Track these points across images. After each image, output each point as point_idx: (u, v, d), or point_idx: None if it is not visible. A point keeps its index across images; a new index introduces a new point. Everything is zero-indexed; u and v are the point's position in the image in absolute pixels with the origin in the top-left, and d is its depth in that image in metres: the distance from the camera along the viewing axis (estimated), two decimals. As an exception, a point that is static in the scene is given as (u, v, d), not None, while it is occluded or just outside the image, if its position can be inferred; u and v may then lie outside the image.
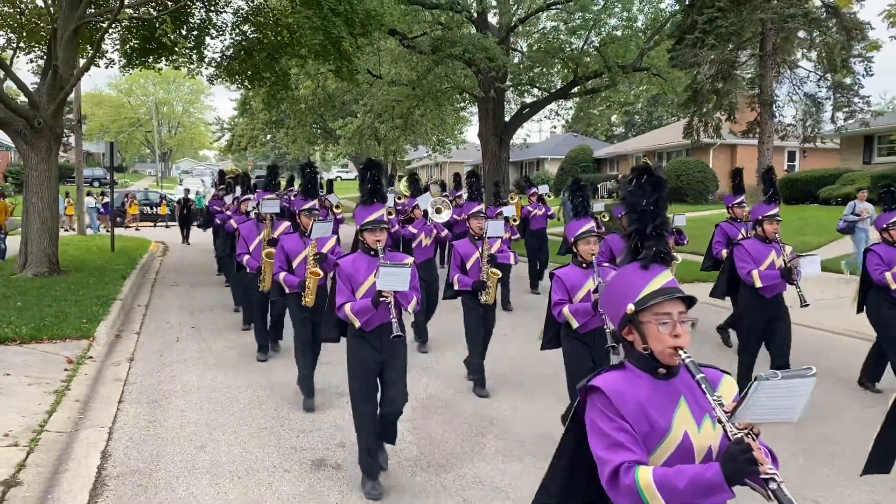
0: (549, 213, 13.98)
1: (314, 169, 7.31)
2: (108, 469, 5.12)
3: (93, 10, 14.53)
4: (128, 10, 14.95)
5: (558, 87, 25.59)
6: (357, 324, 4.64)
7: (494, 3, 23.43)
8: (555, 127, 54.24)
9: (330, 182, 18.31)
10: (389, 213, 10.85)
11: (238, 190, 11.14)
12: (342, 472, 5.10)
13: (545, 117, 41.69)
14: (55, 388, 6.93)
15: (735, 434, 1.90)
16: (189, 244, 23.94)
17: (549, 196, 16.38)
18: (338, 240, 7.11)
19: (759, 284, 6.37)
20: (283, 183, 19.23)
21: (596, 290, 5.04)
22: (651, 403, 2.15)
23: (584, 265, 5.29)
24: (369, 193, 4.77)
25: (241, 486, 4.83)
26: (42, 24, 15.57)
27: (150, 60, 17.89)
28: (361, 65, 20.23)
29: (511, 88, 25.74)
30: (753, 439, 1.88)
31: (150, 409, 6.53)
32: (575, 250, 5.37)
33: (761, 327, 6.53)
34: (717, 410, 1.97)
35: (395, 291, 4.49)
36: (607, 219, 11.17)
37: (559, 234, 16.71)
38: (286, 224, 8.24)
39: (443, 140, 38.76)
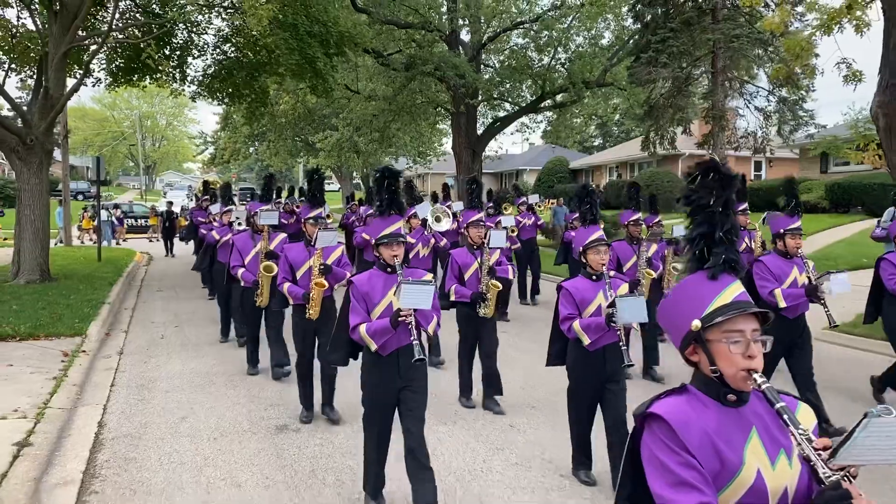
0: (538, 222, 14.00)
1: (321, 176, 6.89)
2: (104, 434, 6.11)
3: (82, 34, 15.50)
4: (115, 34, 15.92)
5: (528, 101, 26.79)
6: (373, 347, 4.28)
7: (466, 22, 24.64)
8: (526, 139, 55.47)
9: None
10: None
11: (215, 208, 11.46)
12: (301, 434, 6.11)
13: (517, 130, 42.71)
14: (54, 376, 7.87)
15: (829, 476, 1.67)
16: (174, 256, 24.10)
17: (539, 206, 16.37)
18: (344, 250, 6.80)
19: (782, 304, 5.91)
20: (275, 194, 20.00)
21: (611, 305, 4.71)
22: (720, 435, 1.90)
23: (594, 277, 5.00)
24: (386, 204, 4.47)
25: (215, 445, 5.83)
26: (32, 46, 16.49)
27: (134, 79, 18.91)
28: (337, 81, 21.23)
29: (483, 103, 26.90)
30: (851, 483, 1.67)
31: (138, 391, 7.50)
32: (584, 260, 5.06)
33: (782, 350, 6.06)
34: (805, 447, 1.72)
35: (415, 311, 4.18)
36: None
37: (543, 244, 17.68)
38: (283, 236, 8.11)
39: (423, 152, 39.93)
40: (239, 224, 9.72)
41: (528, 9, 25.01)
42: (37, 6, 15.26)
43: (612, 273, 5.12)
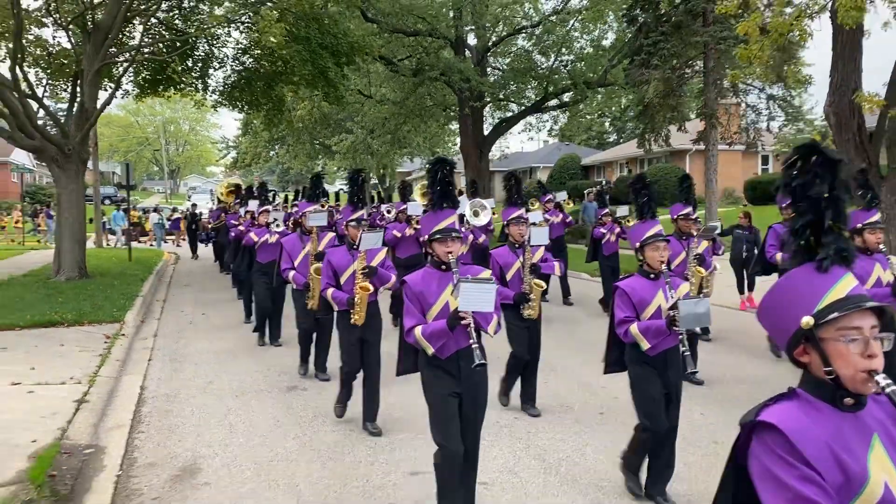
0: (566, 220, 13.65)
1: (362, 176, 6.74)
2: (145, 394, 7.41)
3: (113, 51, 16.91)
4: (143, 50, 17.34)
5: (533, 101, 27.94)
6: (430, 350, 4.07)
7: (472, 27, 25.84)
8: (531, 137, 56.54)
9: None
10: (418, 222, 10.15)
11: (252, 203, 11.55)
12: (308, 392, 7.38)
13: (522, 130, 43.73)
14: (99, 353, 9.18)
15: None
16: (198, 258, 24.43)
17: (566, 203, 15.73)
18: (388, 253, 6.57)
19: None
20: (283, 197, 21.16)
21: (673, 307, 4.36)
22: (840, 444, 1.75)
23: (652, 275, 4.68)
24: (439, 197, 4.23)
25: (236, 401, 7.10)
26: (67, 63, 17.93)
27: (160, 90, 20.37)
28: (348, 88, 22.53)
29: (489, 104, 28.09)
30: None
31: (171, 364, 8.81)
32: (640, 258, 4.74)
33: None
34: None
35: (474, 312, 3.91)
36: (631, 224, 11.29)
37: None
38: (331, 236, 7.92)
39: (437, 152, 41.20)
40: (277, 225, 9.86)
41: (531, 14, 26.20)
42: (71, 27, 16.67)
43: (665, 269, 4.74)
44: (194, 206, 30.51)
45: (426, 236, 4.26)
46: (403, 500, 4.76)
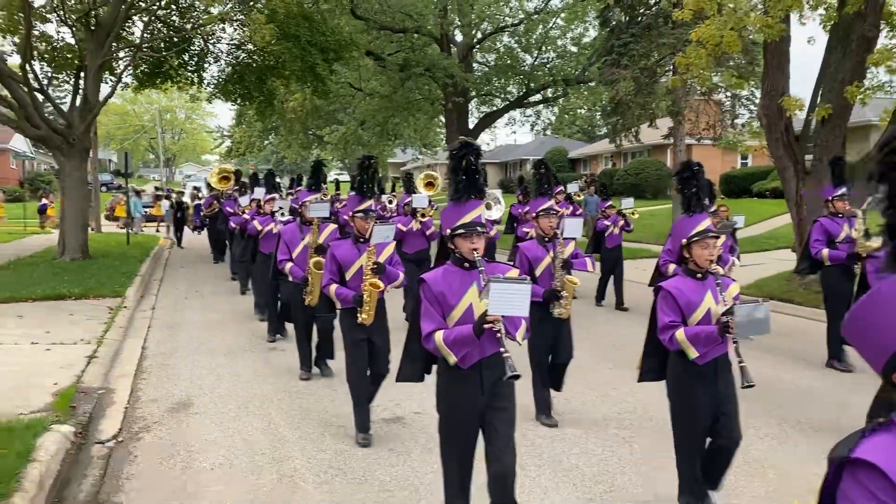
0: (577, 212, 13.26)
1: (372, 163, 6.01)
2: (146, 352, 8.69)
3: (115, 45, 18.07)
4: (143, 47, 18.51)
5: (515, 97, 29.20)
6: (452, 359, 3.65)
7: (458, 24, 27.03)
8: (513, 132, 57.65)
9: (338, 183, 20.08)
10: (424, 215, 10.37)
11: (259, 191, 11.38)
12: (286, 352, 8.60)
13: (506, 124, 44.93)
14: (105, 321, 10.40)
15: None
16: (182, 248, 23.68)
17: (578, 195, 15.20)
18: (395, 247, 6.10)
19: None
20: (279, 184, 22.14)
21: (729, 311, 4.01)
22: None
23: (699, 275, 4.26)
24: (464, 186, 3.80)
25: (225, 358, 8.37)
26: (71, 58, 19.08)
27: (158, 83, 21.55)
28: (336, 83, 23.69)
29: (474, 99, 29.32)
30: None
31: (168, 330, 10.06)
32: (686, 256, 4.32)
33: None
34: None
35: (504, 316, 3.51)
36: (636, 216, 12.08)
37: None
38: (332, 227, 7.56)
39: (428, 143, 42.41)
40: (282, 214, 9.57)
41: (516, 12, 27.42)
42: (75, 24, 17.82)
43: (715, 268, 4.34)
44: (179, 193, 27.92)
45: (448, 230, 3.81)
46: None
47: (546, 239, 6.10)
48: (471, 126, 29.60)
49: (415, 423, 6.06)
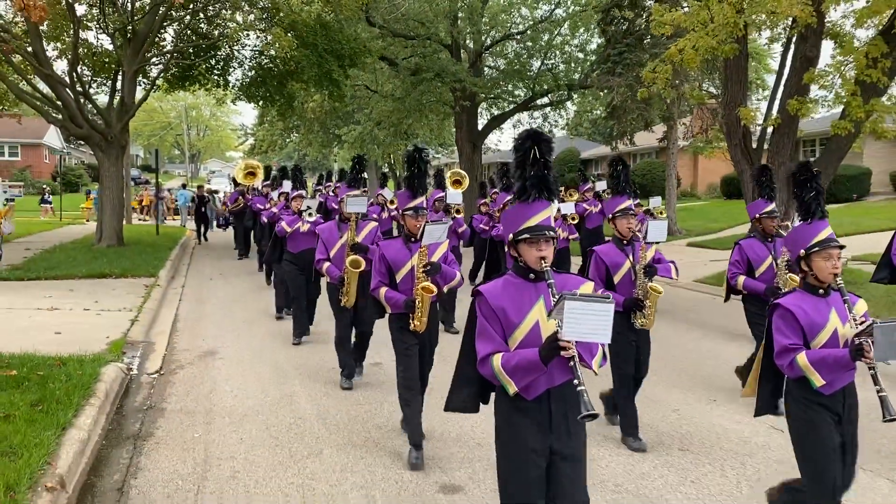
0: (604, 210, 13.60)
1: (423, 157, 5.45)
2: (178, 318, 10.43)
3: (149, 54, 19.92)
4: (174, 54, 20.37)
5: (521, 100, 30.74)
6: (512, 389, 3.03)
7: (468, 30, 28.63)
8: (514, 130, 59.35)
9: (384, 175, 20.86)
10: (458, 211, 10.37)
11: (286, 185, 11.43)
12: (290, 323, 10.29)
13: (513, 126, 46.43)
14: (142, 295, 12.15)
15: None
16: (206, 241, 24.16)
17: (606, 193, 14.46)
18: (452, 246, 5.57)
19: None
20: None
21: (863, 332, 3.38)
22: None
23: (822, 291, 3.68)
24: (533, 184, 3.15)
25: (245, 324, 10.08)
26: (109, 62, 20.96)
27: (186, 85, 23.40)
28: (352, 87, 25.37)
29: (482, 102, 30.90)
30: None
31: (196, 303, 11.79)
32: (806, 269, 3.75)
33: None
34: None
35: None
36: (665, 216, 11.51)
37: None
38: (373, 225, 7.19)
39: (445, 143, 44.20)
40: (310, 214, 9.37)
41: (526, 19, 28.98)
42: (114, 33, 19.68)
43: (841, 285, 3.68)
44: (200, 187, 27.28)
45: (510, 234, 3.20)
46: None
47: (624, 242, 5.59)
48: (479, 128, 31.19)
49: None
